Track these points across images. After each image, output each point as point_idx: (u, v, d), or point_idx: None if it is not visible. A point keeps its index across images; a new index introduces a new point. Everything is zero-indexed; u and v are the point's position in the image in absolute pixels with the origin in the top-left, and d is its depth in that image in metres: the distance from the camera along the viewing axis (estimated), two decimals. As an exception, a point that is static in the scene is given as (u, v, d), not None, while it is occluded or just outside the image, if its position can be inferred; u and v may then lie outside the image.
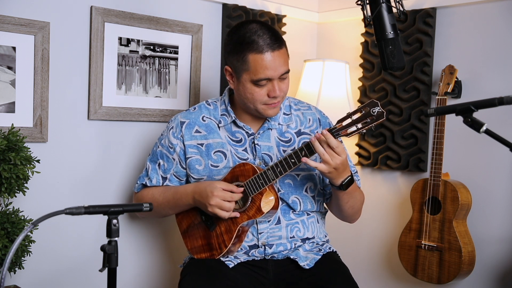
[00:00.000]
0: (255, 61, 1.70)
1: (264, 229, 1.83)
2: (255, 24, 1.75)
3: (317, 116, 1.95)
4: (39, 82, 2.00)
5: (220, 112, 1.89)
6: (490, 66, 2.35)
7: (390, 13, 1.73)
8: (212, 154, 1.86)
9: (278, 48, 1.72)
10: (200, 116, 1.89)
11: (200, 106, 1.93)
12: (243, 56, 1.72)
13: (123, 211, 1.34)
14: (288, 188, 1.85)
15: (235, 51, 1.75)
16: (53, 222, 1.75)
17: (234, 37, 1.76)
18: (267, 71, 1.71)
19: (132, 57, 2.25)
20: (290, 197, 1.85)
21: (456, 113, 1.50)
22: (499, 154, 2.30)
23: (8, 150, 1.74)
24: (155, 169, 1.94)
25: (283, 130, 1.89)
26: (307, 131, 1.90)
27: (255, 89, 1.74)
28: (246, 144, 1.86)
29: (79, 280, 2.19)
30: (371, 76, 2.72)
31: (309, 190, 1.89)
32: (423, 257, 2.36)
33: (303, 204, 1.87)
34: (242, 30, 1.74)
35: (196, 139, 1.87)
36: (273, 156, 1.85)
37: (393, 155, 2.64)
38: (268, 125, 1.87)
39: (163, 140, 1.93)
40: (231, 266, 1.80)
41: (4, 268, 1.20)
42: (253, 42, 1.70)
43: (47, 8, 2.02)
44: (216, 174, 1.85)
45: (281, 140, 1.88)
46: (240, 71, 1.75)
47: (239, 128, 1.87)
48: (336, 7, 2.90)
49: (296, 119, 1.91)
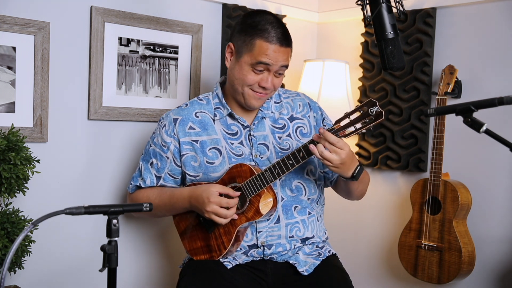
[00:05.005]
0: (260, 46, 1.75)
1: (263, 228, 1.82)
2: (272, 16, 1.81)
3: (307, 101, 1.98)
4: (39, 82, 2.00)
5: (214, 106, 1.90)
6: (490, 66, 2.35)
7: (390, 13, 1.73)
8: (207, 151, 1.85)
9: (285, 46, 1.78)
10: (193, 112, 1.89)
11: (192, 102, 1.93)
12: (251, 39, 1.76)
13: (123, 211, 1.34)
14: (288, 174, 1.83)
15: (245, 32, 1.79)
16: (53, 222, 1.75)
17: (249, 20, 1.81)
18: (268, 58, 1.75)
19: (132, 57, 2.25)
20: (292, 183, 1.85)
21: (456, 113, 1.50)
22: (499, 154, 2.30)
23: (8, 150, 1.74)
24: (148, 168, 1.92)
25: (276, 118, 1.91)
26: (299, 116, 1.93)
27: (250, 72, 1.78)
28: (242, 137, 1.87)
29: (79, 280, 2.19)
30: (371, 76, 2.72)
31: (310, 173, 1.89)
32: (423, 257, 2.36)
33: (307, 189, 1.87)
34: (258, 17, 1.80)
35: (190, 135, 1.87)
36: (269, 144, 1.87)
37: (393, 155, 2.64)
38: (261, 114, 1.89)
39: (156, 139, 1.91)
40: (229, 267, 1.80)
41: (4, 268, 1.20)
42: (265, 30, 1.75)
43: (47, 8, 2.02)
44: (212, 171, 1.85)
45: (275, 127, 1.90)
46: (242, 51, 1.79)
47: (235, 121, 1.88)
48: (336, 7, 2.90)
49: (286, 105, 1.95)
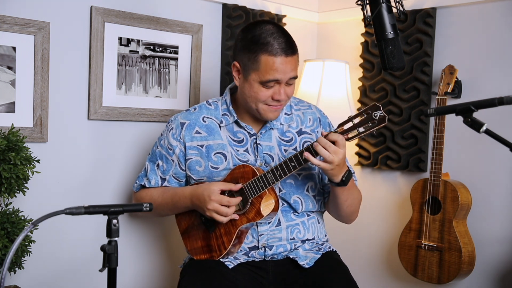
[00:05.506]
0: (266, 63, 1.70)
1: (265, 231, 1.82)
2: (272, 26, 1.74)
3: (317, 116, 1.95)
4: (39, 82, 2.00)
5: (221, 112, 1.89)
6: (490, 66, 2.35)
7: (390, 13, 1.73)
8: (212, 155, 1.85)
9: (291, 54, 1.72)
10: (200, 117, 1.89)
11: (201, 106, 1.92)
12: (255, 55, 1.71)
13: (123, 211, 1.34)
14: (289, 188, 1.85)
15: (247, 49, 1.73)
16: (53, 222, 1.75)
17: (249, 35, 1.74)
18: (276, 73, 1.70)
19: (132, 57, 2.25)
20: (291, 197, 1.85)
21: (456, 113, 1.50)
22: (499, 154, 2.30)
23: (8, 150, 1.74)
24: (154, 169, 1.94)
25: (284, 130, 1.89)
26: (307, 131, 1.91)
27: (261, 89, 1.74)
28: (248, 144, 1.86)
29: (79, 280, 2.19)
30: (371, 76, 2.72)
31: (310, 189, 1.89)
32: (423, 257, 2.36)
33: (304, 204, 1.87)
34: (258, 29, 1.73)
35: (197, 140, 1.86)
36: (274, 156, 1.85)
37: (393, 155, 2.64)
38: (270, 125, 1.87)
39: (163, 141, 1.92)
40: (230, 267, 1.80)
41: (4, 268, 1.20)
42: (268, 43, 1.69)
43: (47, 8, 2.02)
44: (216, 175, 1.85)
45: (283, 140, 1.88)
46: (249, 69, 1.74)
47: (241, 128, 1.87)
48: (336, 7, 2.90)
49: (297, 118, 1.92)
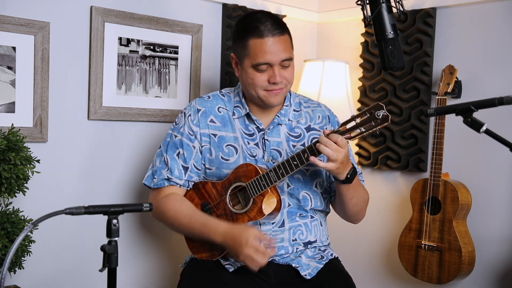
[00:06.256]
0: (255, 45, 1.73)
1: (267, 230, 1.82)
2: (260, 13, 1.80)
3: (327, 114, 1.96)
4: (39, 82, 2.00)
5: (234, 104, 1.89)
6: (490, 66, 2.35)
7: (390, 13, 1.73)
8: (224, 146, 1.85)
9: (279, 34, 1.74)
10: (216, 106, 1.89)
11: (215, 95, 1.92)
12: (245, 41, 1.75)
13: (123, 211, 1.34)
14: (297, 183, 1.85)
15: (239, 37, 1.79)
16: (53, 222, 1.75)
17: (240, 25, 1.81)
18: (266, 55, 1.72)
19: (132, 57, 2.25)
20: (300, 193, 1.85)
21: (456, 113, 1.50)
22: (499, 154, 2.30)
23: (8, 150, 1.74)
24: (175, 159, 1.85)
25: (293, 126, 1.89)
26: (316, 127, 1.91)
27: (255, 74, 1.76)
28: (257, 139, 1.86)
29: (79, 280, 2.19)
30: (371, 76, 2.72)
31: (318, 185, 1.89)
32: (423, 257, 2.36)
33: (313, 201, 1.87)
34: (248, 18, 1.80)
35: (210, 128, 1.86)
36: (282, 151, 1.86)
37: (393, 155, 2.64)
38: (278, 121, 1.87)
39: (182, 128, 1.87)
40: (231, 270, 1.79)
41: (4, 268, 1.20)
42: (255, 27, 1.74)
43: (47, 8, 2.02)
44: (226, 167, 1.84)
45: (291, 135, 1.88)
46: (242, 56, 1.79)
47: (251, 122, 1.87)
48: (336, 7, 2.90)
49: (306, 115, 1.92)
